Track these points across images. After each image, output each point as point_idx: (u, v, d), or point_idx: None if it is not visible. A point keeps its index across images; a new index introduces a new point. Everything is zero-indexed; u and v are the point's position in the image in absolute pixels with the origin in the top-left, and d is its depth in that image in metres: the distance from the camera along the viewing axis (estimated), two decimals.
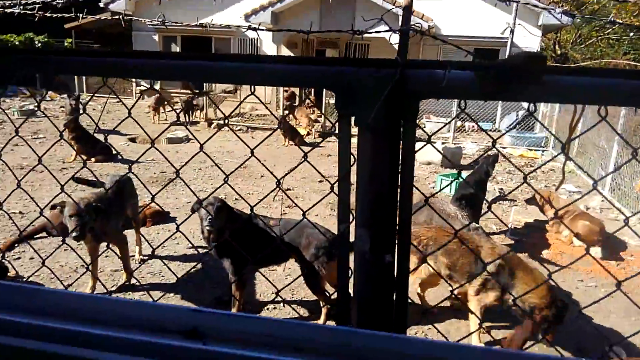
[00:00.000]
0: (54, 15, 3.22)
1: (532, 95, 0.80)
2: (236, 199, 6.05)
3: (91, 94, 18.49)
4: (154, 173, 7.42)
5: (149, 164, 7.94)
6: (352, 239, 0.95)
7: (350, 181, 0.90)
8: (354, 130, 0.87)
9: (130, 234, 4.22)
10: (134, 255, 4.22)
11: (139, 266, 4.17)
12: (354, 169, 0.91)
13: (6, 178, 6.49)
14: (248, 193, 6.73)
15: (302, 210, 1.10)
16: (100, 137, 8.44)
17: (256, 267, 3.65)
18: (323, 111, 13.98)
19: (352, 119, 0.85)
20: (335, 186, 0.93)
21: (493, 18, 15.33)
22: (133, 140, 10.00)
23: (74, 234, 3.14)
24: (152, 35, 17.99)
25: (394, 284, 0.95)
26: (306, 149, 10.34)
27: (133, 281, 3.88)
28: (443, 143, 11.93)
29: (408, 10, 0.99)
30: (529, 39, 15.41)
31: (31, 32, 21.73)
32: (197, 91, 14.95)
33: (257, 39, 17.33)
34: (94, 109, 14.34)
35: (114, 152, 8.20)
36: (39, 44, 21.63)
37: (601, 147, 8.51)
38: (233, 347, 0.68)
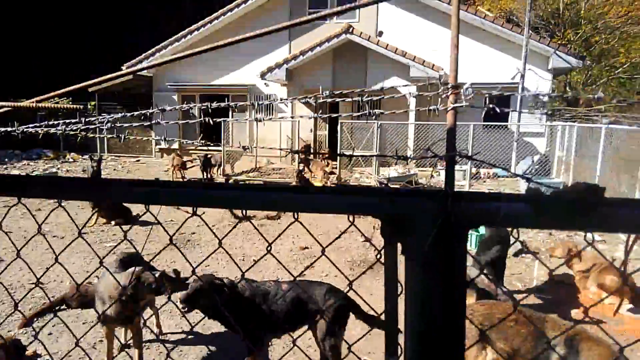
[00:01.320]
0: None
1: (588, 225, 0.75)
2: (254, 259, 5.98)
3: (112, 154, 19.02)
4: (172, 234, 7.42)
5: (168, 225, 7.97)
6: None
7: (397, 312, 0.85)
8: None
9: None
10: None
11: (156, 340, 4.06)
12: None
13: (28, 245, 6.54)
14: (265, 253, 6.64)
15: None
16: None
17: (274, 336, 3.54)
18: (338, 162, 14.09)
19: (399, 246, 0.83)
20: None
21: (503, 64, 15.58)
22: None
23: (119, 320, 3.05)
24: (171, 95, 18.64)
25: None
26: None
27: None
28: None
29: (451, 134, 0.96)
30: (539, 83, 15.55)
31: (56, 98, 22.71)
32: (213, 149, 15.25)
33: (273, 95, 17.83)
34: (114, 169, 14.67)
35: (133, 214, 8.27)
36: (64, 109, 22.51)
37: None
38: None
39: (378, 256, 0.87)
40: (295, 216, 0.91)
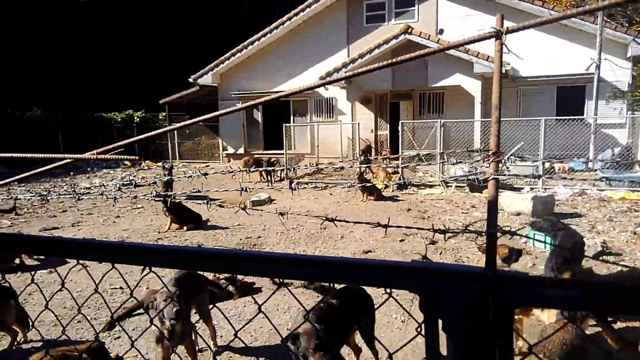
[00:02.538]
0: None
1: None
2: None
3: (183, 161, 20.07)
4: (240, 239, 7.72)
5: (235, 230, 8.30)
6: None
7: None
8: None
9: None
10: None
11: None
12: None
13: None
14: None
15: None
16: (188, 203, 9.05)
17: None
18: (400, 163, 13.91)
19: (440, 322, 0.84)
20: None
21: (575, 54, 14.63)
22: (221, 206, 10.57)
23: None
24: (235, 103, 19.36)
25: None
26: (384, 203, 10.28)
27: None
28: (532, 188, 11.25)
29: (492, 206, 0.95)
30: (617, 72, 14.43)
31: (131, 109, 24.40)
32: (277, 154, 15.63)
33: (332, 98, 17.96)
34: (188, 176, 15.41)
35: (204, 219, 8.70)
36: (137, 120, 24.13)
37: None
38: None
39: (419, 329, 0.88)
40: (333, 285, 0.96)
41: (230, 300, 5.10)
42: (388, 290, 0.89)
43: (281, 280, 0.97)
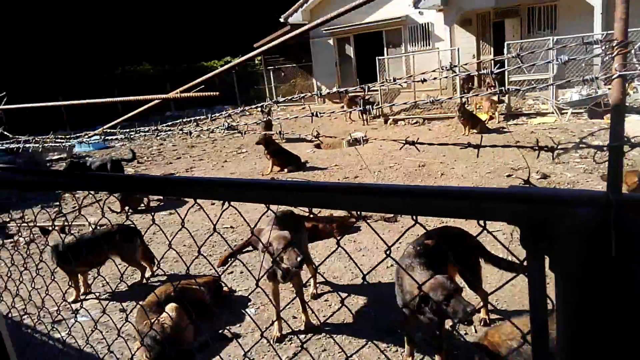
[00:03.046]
0: None
1: None
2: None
3: (281, 104, 20.54)
4: (338, 179, 7.81)
5: (333, 170, 8.40)
6: None
7: (547, 333, 0.72)
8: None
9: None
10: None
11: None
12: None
13: None
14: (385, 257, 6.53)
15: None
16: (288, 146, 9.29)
17: None
18: (505, 91, 12.76)
19: (547, 260, 0.68)
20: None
21: None
22: (318, 146, 10.71)
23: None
24: (327, 39, 18.97)
25: None
26: (489, 136, 9.59)
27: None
28: None
29: (618, 114, 0.74)
30: None
31: (229, 56, 25.25)
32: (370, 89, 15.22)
33: (428, 24, 16.75)
34: (285, 118, 15.81)
35: (302, 161, 8.92)
36: (236, 68, 24.82)
37: None
38: None
39: (520, 269, 0.74)
40: (415, 219, 0.83)
41: (330, 238, 5.23)
42: (482, 223, 0.75)
43: (358, 213, 0.89)
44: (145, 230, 5.44)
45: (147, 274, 4.79)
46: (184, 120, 2.25)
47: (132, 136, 2.19)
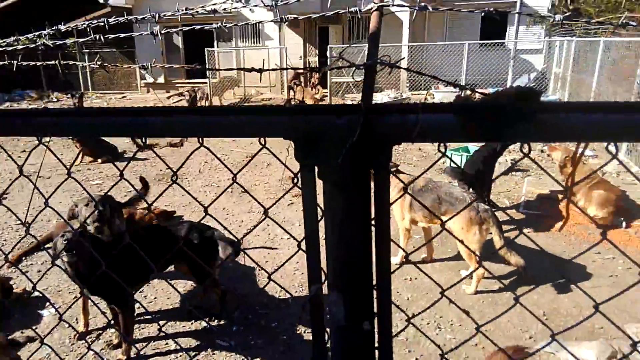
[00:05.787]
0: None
1: (525, 136, 0.65)
2: (242, 192, 5.97)
3: (97, 92, 18.50)
4: (160, 170, 7.37)
5: (155, 161, 7.88)
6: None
7: (318, 238, 0.78)
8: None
9: None
10: None
11: None
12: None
13: (12, 188, 6.47)
14: (254, 184, 6.63)
15: None
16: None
17: None
18: (328, 89, 13.75)
19: (316, 170, 0.74)
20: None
21: None
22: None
23: None
24: (154, 26, 17.72)
25: (376, 351, 0.84)
26: None
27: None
28: None
29: (374, 38, 0.86)
30: None
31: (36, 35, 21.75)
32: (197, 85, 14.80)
33: (259, 22, 16.96)
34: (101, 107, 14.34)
35: (119, 151, 8.17)
36: (42, 46, 21.53)
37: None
38: None
39: (295, 180, 0.79)
40: (200, 141, 0.81)
41: None
42: (262, 141, 0.78)
43: (144, 140, 0.82)
44: None
45: None
46: None
47: None
